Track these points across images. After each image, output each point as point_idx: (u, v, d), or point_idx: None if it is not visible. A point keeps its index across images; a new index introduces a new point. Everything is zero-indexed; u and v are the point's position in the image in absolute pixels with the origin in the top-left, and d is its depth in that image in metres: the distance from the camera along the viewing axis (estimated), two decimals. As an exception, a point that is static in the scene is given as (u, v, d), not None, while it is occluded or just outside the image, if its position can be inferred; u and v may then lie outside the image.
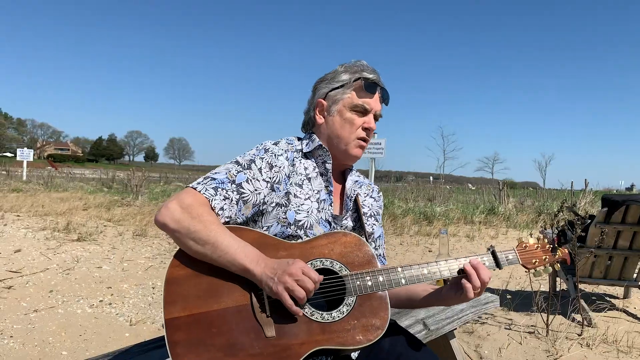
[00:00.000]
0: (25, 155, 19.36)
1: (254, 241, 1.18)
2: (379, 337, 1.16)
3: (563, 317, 3.60)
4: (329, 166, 1.38)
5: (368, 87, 1.36)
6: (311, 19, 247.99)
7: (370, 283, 1.19)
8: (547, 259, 1.34)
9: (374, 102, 1.38)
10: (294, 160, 1.36)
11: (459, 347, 2.39)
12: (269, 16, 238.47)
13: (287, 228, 1.28)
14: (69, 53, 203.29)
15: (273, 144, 1.36)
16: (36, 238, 6.29)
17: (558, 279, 4.14)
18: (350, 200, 1.43)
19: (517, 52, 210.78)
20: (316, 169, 1.39)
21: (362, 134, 1.37)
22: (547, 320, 3.26)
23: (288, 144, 1.39)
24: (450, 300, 1.30)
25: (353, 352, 1.32)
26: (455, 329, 2.22)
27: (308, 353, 1.10)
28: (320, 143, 1.38)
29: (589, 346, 3.05)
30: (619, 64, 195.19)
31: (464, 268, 1.25)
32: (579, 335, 3.24)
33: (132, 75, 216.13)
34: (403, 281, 1.22)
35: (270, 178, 1.29)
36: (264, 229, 1.29)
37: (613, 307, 3.99)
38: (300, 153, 1.39)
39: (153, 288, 4.34)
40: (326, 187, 1.38)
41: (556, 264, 1.36)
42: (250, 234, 1.21)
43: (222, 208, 1.20)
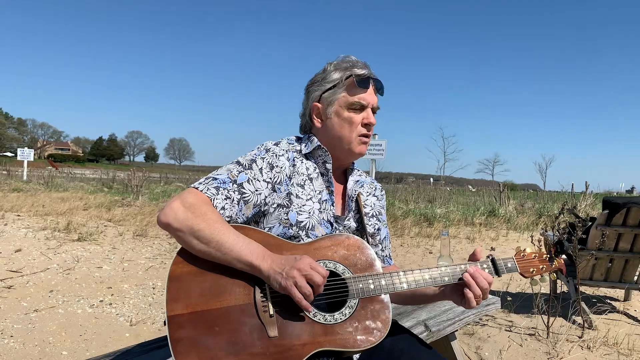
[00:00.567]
0: (25, 155, 19.38)
1: (258, 241, 1.18)
2: (381, 340, 1.17)
3: (564, 320, 3.60)
4: (329, 166, 1.38)
5: (361, 83, 1.34)
6: (312, 18, 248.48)
7: (372, 286, 1.20)
8: (545, 268, 1.37)
9: (369, 96, 1.36)
10: (295, 160, 1.36)
11: (460, 349, 2.39)
12: (270, 16, 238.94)
13: (289, 229, 1.28)
14: (70, 53, 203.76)
15: (274, 144, 1.36)
16: (36, 238, 6.29)
17: (559, 281, 4.14)
18: (352, 200, 1.43)
19: (518, 54, 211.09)
20: (317, 170, 1.39)
21: (363, 130, 1.37)
22: (548, 322, 3.26)
23: (289, 144, 1.39)
24: (454, 301, 1.31)
25: (349, 355, 1.32)
26: (456, 331, 2.22)
27: (310, 354, 1.10)
28: (319, 144, 1.38)
29: (590, 349, 3.05)
30: (620, 66, 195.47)
31: (463, 278, 1.26)
32: (580, 337, 3.23)
33: (133, 75, 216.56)
34: (405, 285, 1.23)
35: (270, 179, 1.29)
36: (266, 230, 1.29)
37: (614, 310, 3.99)
38: (300, 153, 1.39)
39: (153, 288, 4.34)
40: (327, 188, 1.39)
41: (552, 274, 1.38)
42: (254, 234, 1.21)
43: (224, 207, 1.20)
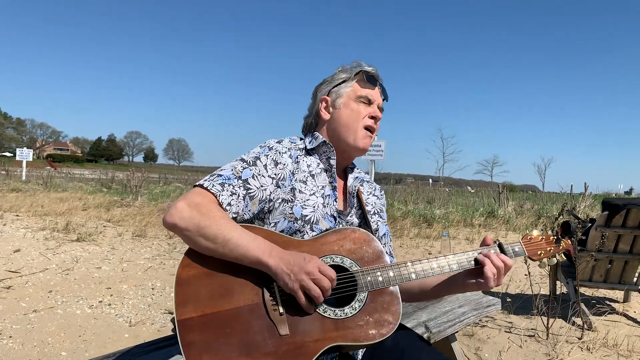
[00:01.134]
0: (24, 155, 19.35)
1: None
2: (392, 332, 1.16)
3: (563, 321, 3.60)
4: (333, 162, 1.40)
5: (369, 79, 1.42)
6: (312, 20, 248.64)
7: (381, 278, 1.20)
8: (552, 250, 1.39)
9: (376, 94, 1.44)
10: (298, 157, 1.37)
11: (460, 350, 2.39)
12: (270, 17, 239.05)
13: (294, 223, 1.28)
14: (69, 53, 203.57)
15: (276, 142, 1.38)
16: (35, 238, 6.28)
17: (558, 283, 4.14)
18: (352, 196, 1.45)
19: (517, 55, 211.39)
20: (320, 165, 1.41)
21: (369, 122, 1.41)
22: (548, 323, 3.26)
23: (291, 143, 1.41)
24: (469, 287, 1.30)
25: (362, 349, 1.32)
26: (456, 332, 2.22)
27: (323, 350, 1.10)
28: (324, 139, 1.40)
29: (589, 350, 3.05)
30: (619, 68, 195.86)
31: (477, 258, 1.27)
32: (579, 338, 3.23)
33: (132, 75, 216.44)
34: (413, 276, 1.24)
35: (275, 174, 1.30)
36: (271, 226, 1.29)
37: (613, 311, 3.99)
38: (303, 151, 1.41)
39: (152, 289, 4.32)
40: (330, 183, 1.40)
41: (560, 255, 1.40)
42: (258, 232, 1.20)
43: (230, 204, 1.21)
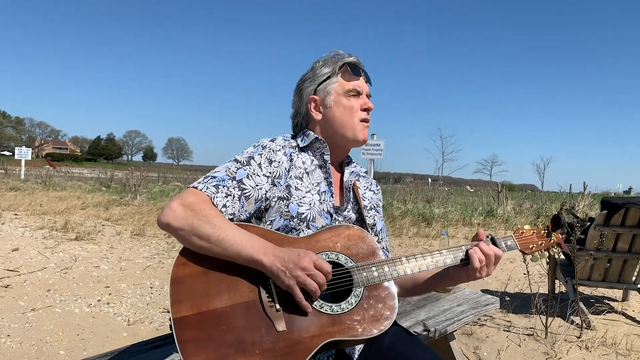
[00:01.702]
0: (23, 154, 19.32)
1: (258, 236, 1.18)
2: (389, 326, 1.17)
3: (562, 320, 3.60)
4: (327, 158, 1.40)
5: (354, 70, 1.40)
6: (311, 18, 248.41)
7: (376, 274, 1.20)
8: (544, 244, 1.40)
9: (362, 84, 1.42)
10: (292, 155, 1.37)
11: (459, 349, 2.39)
12: (269, 16, 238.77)
13: (290, 221, 1.28)
14: (68, 52, 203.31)
15: (270, 141, 1.37)
16: (34, 237, 6.27)
17: (557, 281, 4.14)
18: (349, 191, 1.44)
19: (516, 55, 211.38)
20: (314, 162, 1.40)
21: (364, 115, 1.41)
22: (546, 322, 3.26)
23: (285, 140, 1.40)
24: (459, 278, 1.32)
25: (358, 346, 1.32)
26: (455, 331, 2.22)
27: (320, 345, 1.10)
28: (316, 136, 1.40)
29: (588, 349, 3.05)
30: (618, 67, 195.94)
31: (468, 252, 1.29)
32: (578, 337, 3.24)
33: (131, 74, 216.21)
34: (408, 270, 1.24)
35: (270, 173, 1.30)
36: (268, 224, 1.29)
37: (612, 310, 3.99)
38: (297, 149, 1.40)
39: (151, 288, 4.32)
40: (326, 179, 1.39)
41: (552, 249, 1.41)
42: (253, 230, 1.20)
43: (225, 205, 1.20)
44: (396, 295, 1.22)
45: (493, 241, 1.33)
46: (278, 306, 1.12)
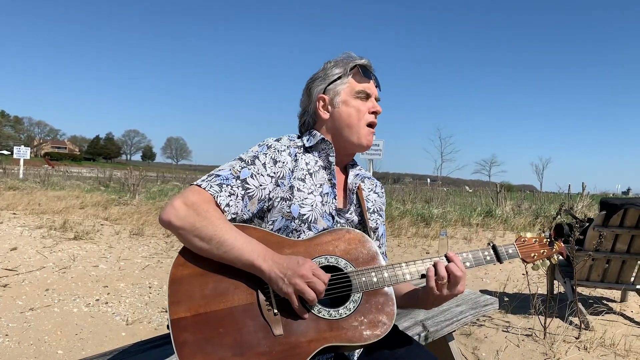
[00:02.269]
0: (22, 153, 19.29)
1: (257, 239, 1.17)
2: (387, 332, 1.16)
3: (561, 320, 3.60)
4: (332, 159, 1.39)
5: (365, 72, 1.39)
6: (311, 18, 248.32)
7: (375, 279, 1.19)
8: (545, 253, 1.38)
9: (372, 87, 1.42)
10: (297, 155, 1.36)
11: (458, 350, 2.39)
12: (269, 15, 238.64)
13: (292, 222, 1.27)
14: (67, 51, 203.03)
15: (275, 141, 1.36)
16: (32, 236, 6.26)
17: (556, 282, 4.14)
18: (352, 193, 1.43)
19: (516, 55, 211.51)
20: (318, 163, 1.39)
21: (371, 118, 1.40)
22: (545, 323, 3.26)
23: (290, 140, 1.39)
24: (426, 301, 1.26)
25: (357, 350, 1.31)
26: (454, 331, 2.22)
27: (317, 350, 1.10)
28: (322, 137, 1.38)
29: (587, 349, 3.05)
30: (617, 68, 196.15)
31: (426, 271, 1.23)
32: (577, 338, 3.24)
33: (130, 74, 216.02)
34: (408, 276, 1.23)
35: (274, 173, 1.29)
36: (270, 224, 1.29)
37: (610, 311, 3.99)
38: (302, 149, 1.39)
39: (150, 287, 4.32)
40: (329, 181, 1.38)
41: (553, 258, 1.39)
42: (253, 232, 1.20)
43: (228, 204, 1.19)
44: (395, 301, 1.21)
45: (495, 249, 1.31)
46: (276, 310, 1.11)
